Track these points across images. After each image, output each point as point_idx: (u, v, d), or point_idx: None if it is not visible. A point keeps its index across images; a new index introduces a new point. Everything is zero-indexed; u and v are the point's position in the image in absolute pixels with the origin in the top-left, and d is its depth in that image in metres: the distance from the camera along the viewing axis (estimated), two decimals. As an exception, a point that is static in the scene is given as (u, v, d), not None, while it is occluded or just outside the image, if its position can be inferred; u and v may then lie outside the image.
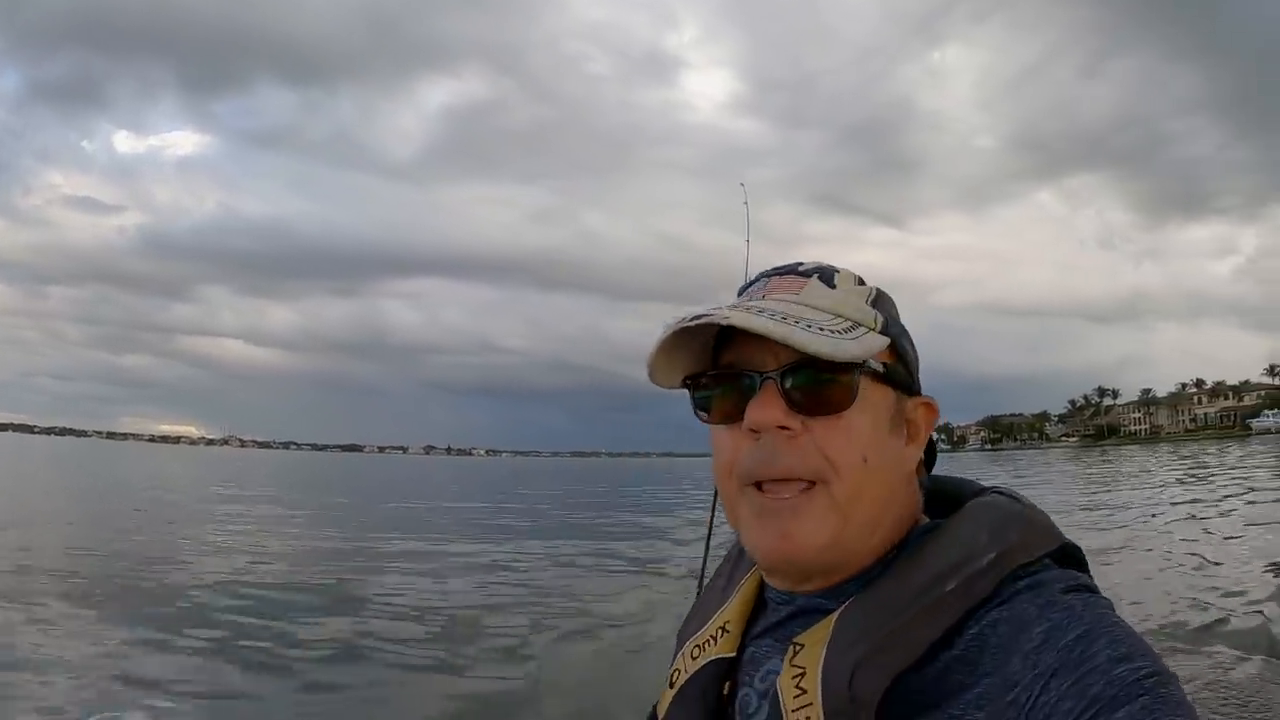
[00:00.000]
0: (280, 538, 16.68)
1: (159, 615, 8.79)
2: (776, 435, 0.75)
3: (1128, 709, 0.57)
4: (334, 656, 7.63)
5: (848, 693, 0.67)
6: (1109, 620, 0.65)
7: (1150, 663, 0.61)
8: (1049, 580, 0.70)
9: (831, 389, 0.75)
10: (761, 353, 0.76)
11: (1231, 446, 70.81)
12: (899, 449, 0.79)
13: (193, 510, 23.02)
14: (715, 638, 0.87)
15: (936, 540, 0.75)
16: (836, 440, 0.74)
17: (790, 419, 0.74)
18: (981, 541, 0.73)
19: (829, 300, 0.79)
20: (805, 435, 0.74)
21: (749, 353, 0.77)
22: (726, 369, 0.79)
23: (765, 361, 0.76)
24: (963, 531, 0.75)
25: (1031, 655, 0.63)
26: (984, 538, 0.73)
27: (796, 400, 0.74)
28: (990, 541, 0.72)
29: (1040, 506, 0.80)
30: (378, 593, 10.79)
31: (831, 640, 0.72)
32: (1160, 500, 21.99)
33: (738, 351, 0.79)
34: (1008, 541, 0.72)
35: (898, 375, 0.80)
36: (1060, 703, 0.59)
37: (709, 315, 0.75)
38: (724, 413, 0.79)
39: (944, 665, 0.67)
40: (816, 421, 0.74)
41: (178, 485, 37.66)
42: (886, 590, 0.73)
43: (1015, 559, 0.71)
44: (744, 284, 0.87)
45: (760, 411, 0.74)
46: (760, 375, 0.76)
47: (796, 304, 0.77)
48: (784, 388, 0.75)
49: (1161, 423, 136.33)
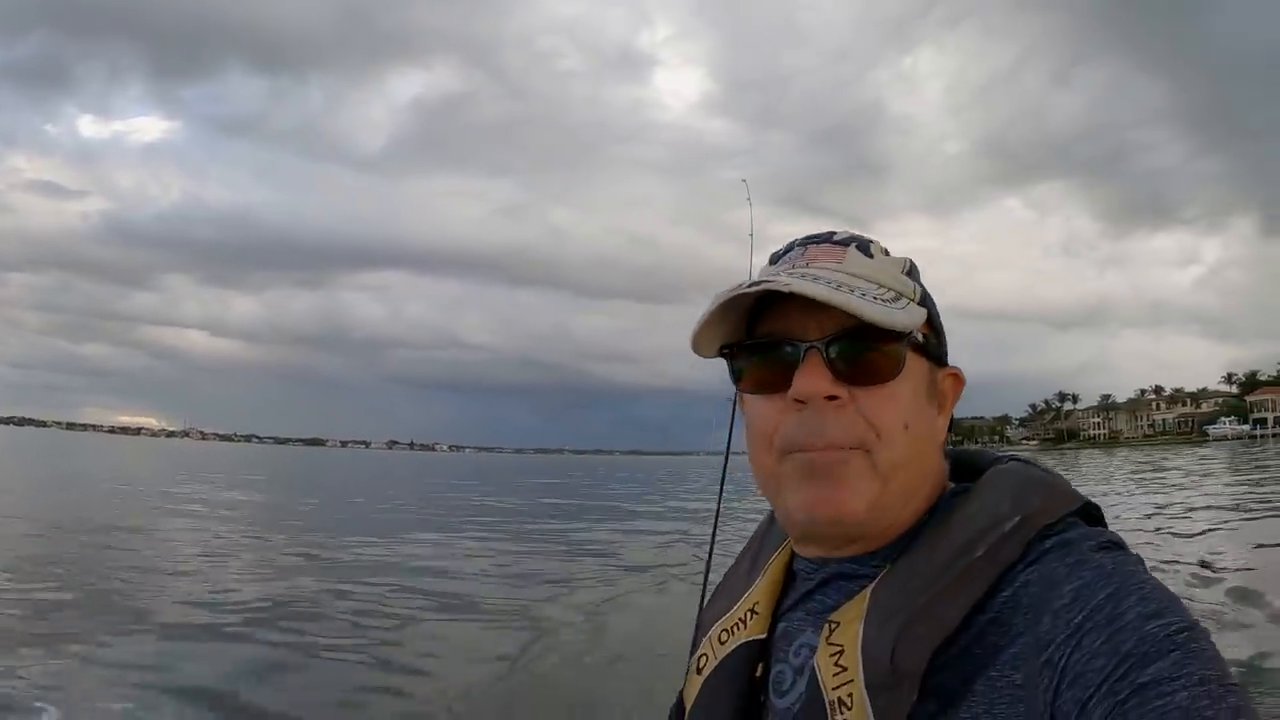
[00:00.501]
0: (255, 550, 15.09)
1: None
2: (824, 405, 0.74)
3: (1158, 665, 0.57)
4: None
5: (890, 666, 0.68)
6: (1139, 577, 0.65)
7: (1181, 618, 0.61)
8: (1078, 539, 0.71)
9: (879, 358, 0.75)
10: (804, 322, 0.76)
11: (1187, 450, 73.13)
12: (934, 418, 0.81)
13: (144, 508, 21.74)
14: (744, 620, 0.87)
15: (963, 508, 0.76)
16: (882, 408, 0.75)
17: (838, 388, 0.74)
18: (1005, 507, 0.73)
19: (871, 269, 0.79)
20: (851, 405, 0.74)
21: (789, 322, 0.77)
22: (766, 338, 0.78)
23: (808, 330, 0.76)
24: (986, 498, 0.76)
25: (1063, 614, 0.64)
26: (1007, 503, 0.74)
27: (841, 370, 0.74)
28: (1014, 506, 0.73)
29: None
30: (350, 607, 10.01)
31: (868, 616, 0.72)
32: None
33: (778, 321, 0.78)
34: (1030, 505, 0.73)
35: (932, 346, 0.81)
36: (1093, 660, 0.60)
37: (770, 282, 0.73)
38: (764, 382, 0.79)
39: (979, 629, 0.68)
40: (862, 390, 0.75)
41: (137, 478, 36.69)
42: (917, 561, 0.73)
43: (1038, 521, 0.72)
44: (778, 251, 0.86)
45: (808, 381, 0.74)
46: (804, 344, 0.75)
47: (842, 273, 0.77)
48: (829, 357, 0.75)
49: (1120, 428, 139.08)
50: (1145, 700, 0.56)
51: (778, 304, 0.77)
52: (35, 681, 6.46)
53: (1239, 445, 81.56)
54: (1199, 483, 28.08)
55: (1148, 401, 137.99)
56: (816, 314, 0.74)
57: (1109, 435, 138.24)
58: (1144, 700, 0.56)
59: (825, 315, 0.74)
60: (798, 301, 0.74)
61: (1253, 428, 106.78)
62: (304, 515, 21.69)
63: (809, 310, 0.74)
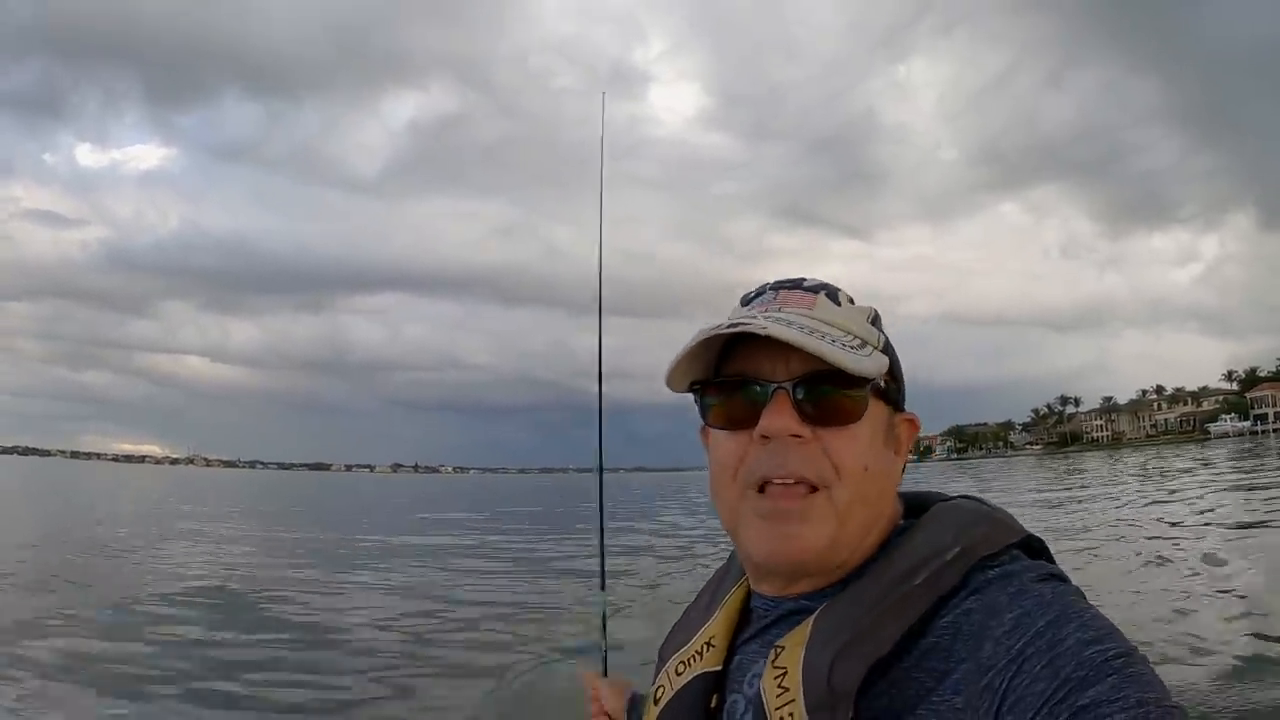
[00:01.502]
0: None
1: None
2: (788, 441, 0.78)
3: (1097, 688, 0.59)
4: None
5: (827, 685, 0.71)
6: (1078, 606, 0.68)
7: (1119, 644, 0.63)
8: (1019, 570, 0.74)
9: (843, 402, 0.79)
10: (772, 363, 0.80)
11: (1191, 449, 72.39)
12: (891, 460, 0.85)
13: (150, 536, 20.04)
14: (700, 653, 0.90)
15: (908, 540, 0.80)
16: (844, 449, 0.79)
17: (803, 428, 0.78)
18: (948, 538, 0.77)
19: (840, 317, 0.83)
20: (815, 443, 0.78)
21: (758, 362, 0.81)
22: (735, 377, 0.83)
23: (776, 371, 0.80)
24: (930, 531, 0.80)
25: (1004, 640, 0.66)
26: (949, 535, 0.77)
27: (807, 411, 0.78)
28: (955, 538, 0.77)
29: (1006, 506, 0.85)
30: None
31: (810, 639, 0.75)
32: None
33: (746, 361, 0.82)
34: (972, 537, 0.77)
35: (892, 392, 0.85)
36: (1033, 684, 0.62)
37: (746, 324, 0.78)
38: (732, 418, 0.83)
39: (920, 654, 0.71)
40: (826, 431, 0.79)
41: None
42: (860, 589, 0.77)
43: (978, 551, 0.75)
44: (749, 294, 0.90)
45: (775, 419, 0.78)
46: (772, 384, 0.79)
47: (813, 319, 0.81)
48: (796, 398, 0.79)
49: (1123, 429, 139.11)
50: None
51: (747, 345, 0.81)
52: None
53: (1242, 442, 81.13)
54: (1205, 482, 27.88)
55: (1149, 402, 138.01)
56: (785, 356, 0.79)
57: (1112, 437, 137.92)
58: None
59: (793, 358, 0.78)
60: (767, 344, 0.78)
61: (1253, 424, 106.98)
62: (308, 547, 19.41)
63: (778, 353, 0.79)
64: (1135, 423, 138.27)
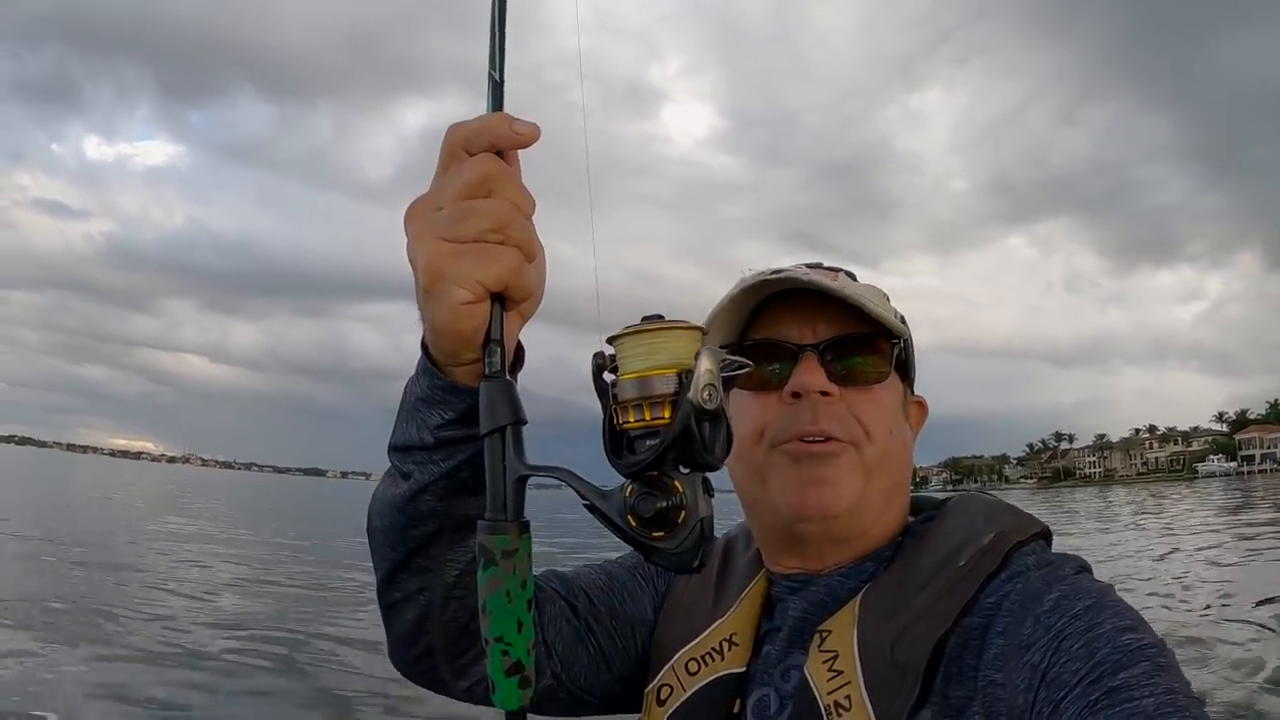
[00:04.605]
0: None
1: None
2: (817, 399, 0.81)
3: (1130, 671, 0.62)
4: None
5: (891, 662, 0.72)
6: (1113, 597, 0.72)
7: (1151, 636, 0.66)
8: (1056, 559, 0.79)
9: (869, 364, 0.84)
10: (800, 327, 0.84)
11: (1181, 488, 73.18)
12: (909, 432, 0.90)
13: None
14: (719, 650, 0.86)
15: (938, 526, 0.84)
16: (871, 409, 0.83)
17: (831, 387, 0.82)
18: (979, 524, 0.81)
19: (861, 289, 0.87)
20: (841, 403, 0.82)
21: (786, 326, 0.85)
22: (764, 340, 0.86)
23: (804, 335, 0.84)
24: (959, 518, 0.83)
25: (1044, 619, 0.69)
26: (980, 521, 0.81)
27: (835, 372, 0.83)
28: (987, 524, 0.81)
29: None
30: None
31: (861, 621, 0.77)
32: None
33: (773, 326, 0.86)
34: (1003, 523, 0.81)
35: (908, 369, 0.90)
36: (1070, 663, 0.65)
37: (790, 271, 0.83)
38: (760, 380, 0.85)
39: (965, 631, 0.74)
40: (852, 391, 0.83)
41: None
42: (902, 571, 0.80)
43: (1012, 538, 0.79)
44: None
45: (805, 378, 0.81)
46: (800, 347, 0.83)
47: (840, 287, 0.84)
48: (824, 360, 0.82)
49: (1115, 466, 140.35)
50: (1115, 702, 0.60)
51: (775, 310, 0.86)
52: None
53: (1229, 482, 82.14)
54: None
55: (1141, 440, 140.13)
56: (812, 321, 0.83)
57: (1104, 474, 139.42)
58: (1113, 702, 0.60)
59: (820, 323, 0.83)
60: (794, 309, 0.83)
61: (1240, 465, 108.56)
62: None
63: (805, 317, 0.84)
64: (1127, 460, 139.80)
